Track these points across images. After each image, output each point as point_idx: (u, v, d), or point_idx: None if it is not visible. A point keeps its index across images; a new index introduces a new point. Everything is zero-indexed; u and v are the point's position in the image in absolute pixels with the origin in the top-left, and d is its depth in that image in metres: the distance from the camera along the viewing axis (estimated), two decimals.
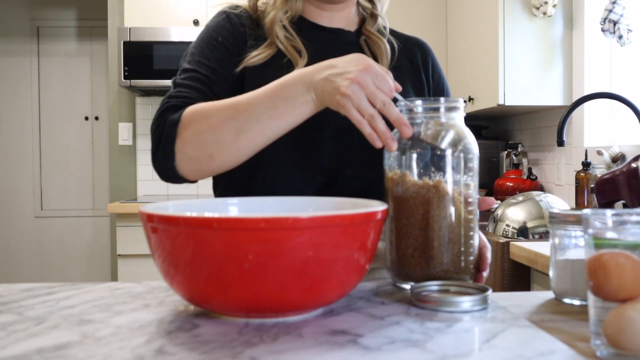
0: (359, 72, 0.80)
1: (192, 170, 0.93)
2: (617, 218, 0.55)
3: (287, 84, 0.87)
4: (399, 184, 0.79)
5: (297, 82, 0.86)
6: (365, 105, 0.80)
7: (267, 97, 0.88)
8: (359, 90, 0.80)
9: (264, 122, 0.87)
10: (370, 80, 0.80)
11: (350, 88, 0.79)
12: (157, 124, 0.95)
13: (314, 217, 0.61)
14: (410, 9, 3.43)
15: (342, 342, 0.58)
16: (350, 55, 0.84)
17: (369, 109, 0.79)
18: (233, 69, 1.02)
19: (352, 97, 0.79)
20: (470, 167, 0.79)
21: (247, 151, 0.91)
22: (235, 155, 0.91)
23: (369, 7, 1.14)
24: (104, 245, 4.49)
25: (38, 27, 4.65)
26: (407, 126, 0.79)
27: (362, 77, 0.80)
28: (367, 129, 0.80)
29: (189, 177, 0.95)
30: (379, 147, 0.81)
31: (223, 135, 0.89)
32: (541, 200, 1.97)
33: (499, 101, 2.62)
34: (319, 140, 1.02)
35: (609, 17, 2.22)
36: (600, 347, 0.55)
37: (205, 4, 3.37)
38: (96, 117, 4.66)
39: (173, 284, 0.66)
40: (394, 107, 0.80)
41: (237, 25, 1.06)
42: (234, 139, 0.89)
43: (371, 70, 0.81)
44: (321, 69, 0.84)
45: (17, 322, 0.65)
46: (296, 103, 0.86)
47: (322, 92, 0.83)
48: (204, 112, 0.91)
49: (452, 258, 0.78)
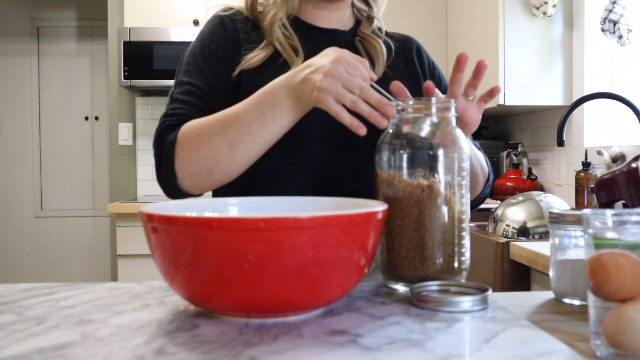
0: (330, 65, 0.81)
1: (195, 186, 0.96)
2: (617, 218, 0.55)
3: (270, 90, 0.88)
4: (392, 184, 0.79)
5: (280, 87, 0.88)
6: (343, 93, 0.80)
7: (253, 107, 0.89)
8: (333, 81, 0.80)
9: (255, 132, 0.89)
10: (342, 70, 0.80)
11: (324, 81, 0.80)
12: (157, 145, 0.98)
13: (314, 217, 0.61)
14: (410, 9, 3.43)
15: (342, 342, 0.58)
16: (325, 50, 0.85)
17: (348, 95, 0.80)
18: (228, 76, 1.02)
19: (329, 89, 0.80)
20: (463, 167, 0.80)
21: (244, 161, 0.93)
22: (234, 167, 0.93)
23: (365, 9, 1.14)
24: (104, 245, 4.49)
25: (38, 27, 4.65)
26: (390, 105, 0.80)
27: (334, 68, 0.80)
28: (347, 118, 0.81)
29: (194, 192, 0.98)
30: (363, 134, 0.81)
31: (218, 150, 0.91)
32: (541, 200, 1.97)
33: (499, 101, 2.62)
34: (318, 141, 1.02)
35: (609, 17, 2.22)
36: (600, 347, 0.55)
37: (205, 4, 3.37)
38: (96, 117, 4.66)
39: (173, 284, 0.66)
40: (372, 91, 0.80)
41: (231, 30, 1.06)
42: (229, 152, 0.91)
43: (343, 60, 0.81)
44: (300, 70, 0.86)
45: (17, 322, 0.65)
46: (282, 108, 0.87)
47: (302, 92, 0.85)
48: (197, 130, 0.93)
49: (446, 259, 0.78)
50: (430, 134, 0.80)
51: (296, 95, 0.86)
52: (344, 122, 0.82)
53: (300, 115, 0.89)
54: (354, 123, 0.82)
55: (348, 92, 0.80)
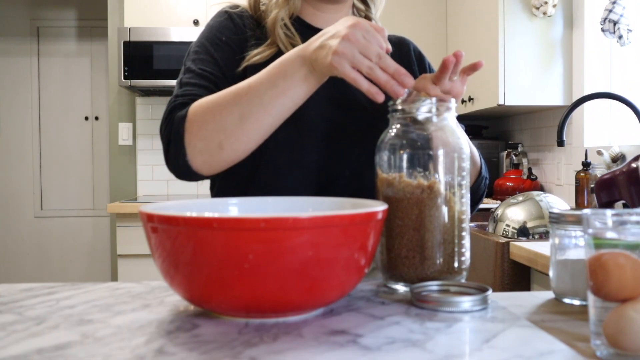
0: (347, 29, 0.79)
1: (204, 163, 0.92)
2: (617, 218, 0.55)
3: (284, 61, 0.86)
4: (392, 184, 0.79)
5: (294, 57, 0.85)
6: (359, 59, 0.78)
7: (266, 78, 0.87)
8: (350, 46, 0.78)
9: (267, 103, 0.86)
10: (360, 35, 0.79)
11: (340, 45, 0.78)
12: (166, 124, 0.94)
13: (314, 217, 0.61)
14: (410, 9, 3.43)
15: (342, 342, 0.58)
16: (341, 19, 0.83)
17: (365, 62, 0.78)
18: (236, 68, 1.02)
19: (345, 53, 0.78)
20: (462, 167, 0.80)
21: (255, 136, 0.89)
22: (244, 141, 0.89)
23: (362, 9, 1.14)
24: (104, 245, 4.49)
25: (38, 27, 4.65)
26: (407, 75, 0.78)
27: (352, 32, 0.78)
28: (365, 85, 0.79)
29: (203, 172, 0.93)
30: (381, 101, 0.80)
31: (228, 122, 0.88)
32: (541, 200, 1.97)
33: (499, 101, 2.62)
34: (317, 141, 1.02)
35: (609, 17, 2.22)
36: (600, 347, 0.55)
37: (205, 4, 3.37)
38: (96, 117, 4.66)
39: (173, 284, 0.66)
40: (390, 59, 0.79)
41: (240, 25, 1.06)
42: (239, 124, 0.88)
43: (360, 26, 0.79)
44: (315, 39, 0.84)
45: (17, 322, 0.65)
46: (295, 77, 0.85)
47: (316, 59, 0.82)
48: (208, 104, 0.90)
49: (446, 259, 0.78)
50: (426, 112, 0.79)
51: (310, 64, 0.83)
52: (362, 89, 0.79)
53: (315, 86, 0.86)
54: (371, 89, 0.79)
55: (365, 58, 0.78)
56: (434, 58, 1.22)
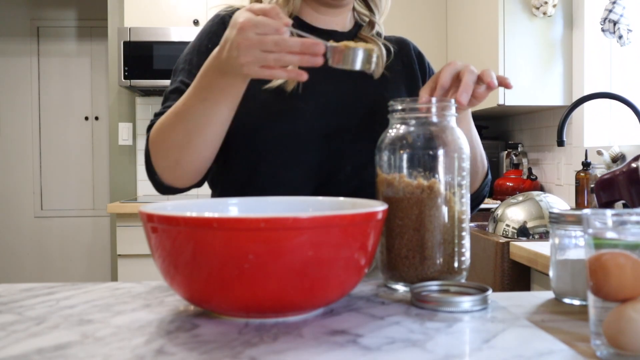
0: (238, 37, 0.78)
1: (173, 179, 0.97)
2: (617, 218, 0.55)
3: (204, 74, 0.88)
4: (392, 184, 0.79)
5: (210, 70, 0.87)
6: (263, 57, 0.78)
7: (194, 93, 0.90)
8: (249, 51, 0.78)
9: (204, 115, 0.89)
10: (252, 34, 0.78)
11: (241, 55, 0.79)
12: (145, 142, 1.00)
13: (314, 217, 0.61)
14: (410, 9, 3.43)
15: (342, 342, 0.58)
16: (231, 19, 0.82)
17: (269, 56, 0.78)
18: None
19: (249, 61, 0.79)
20: (463, 167, 0.80)
21: (204, 147, 0.93)
22: (197, 153, 0.93)
23: (367, 14, 1.15)
24: (104, 245, 4.49)
25: (38, 27, 4.65)
26: (316, 44, 0.77)
27: (243, 38, 0.78)
28: (282, 74, 0.80)
29: (177, 185, 0.99)
30: (305, 79, 0.80)
31: (178, 140, 0.93)
32: (541, 200, 1.97)
33: (499, 101, 2.62)
34: (317, 139, 1.02)
35: (609, 17, 2.22)
36: (600, 347, 0.55)
37: (205, 4, 3.37)
38: (96, 117, 4.66)
39: (173, 284, 0.66)
40: (291, 39, 0.78)
41: None
42: (187, 140, 0.92)
43: (248, 24, 0.78)
44: (221, 48, 0.84)
45: (17, 322, 0.65)
46: (220, 87, 0.87)
47: (231, 70, 0.83)
48: (161, 125, 0.95)
49: (446, 259, 0.78)
50: (365, 64, 0.79)
51: (227, 74, 0.84)
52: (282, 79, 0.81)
53: (243, 86, 0.87)
54: (290, 75, 0.80)
55: (268, 54, 0.78)
56: (434, 58, 1.22)
